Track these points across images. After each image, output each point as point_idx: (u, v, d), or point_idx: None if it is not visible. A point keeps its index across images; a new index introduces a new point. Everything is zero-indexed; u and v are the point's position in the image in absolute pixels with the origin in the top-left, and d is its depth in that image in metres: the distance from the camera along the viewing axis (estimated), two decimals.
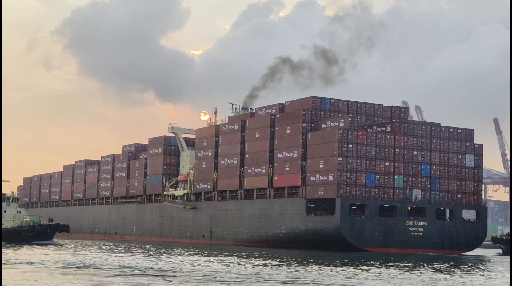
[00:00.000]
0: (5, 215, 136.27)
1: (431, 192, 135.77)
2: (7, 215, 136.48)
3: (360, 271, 72.22)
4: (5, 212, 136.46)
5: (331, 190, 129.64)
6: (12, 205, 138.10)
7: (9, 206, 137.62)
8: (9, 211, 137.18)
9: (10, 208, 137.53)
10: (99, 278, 57.31)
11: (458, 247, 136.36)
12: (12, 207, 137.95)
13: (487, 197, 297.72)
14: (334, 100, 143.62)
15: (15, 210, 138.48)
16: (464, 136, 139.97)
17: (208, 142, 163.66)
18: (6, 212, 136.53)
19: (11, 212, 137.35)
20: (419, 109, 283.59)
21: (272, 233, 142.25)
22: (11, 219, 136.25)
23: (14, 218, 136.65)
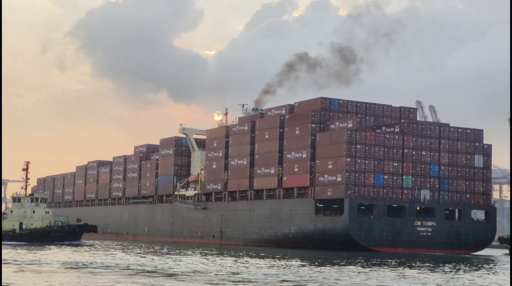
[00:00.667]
0: (34, 215, 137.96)
1: (440, 192, 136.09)
2: (35, 215, 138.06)
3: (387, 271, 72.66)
4: (34, 213, 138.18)
5: (339, 190, 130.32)
6: (41, 205, 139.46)
7: (38, 206, 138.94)
8: (38, 211, 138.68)
9: (38, 208, 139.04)
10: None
11: (467, 247, 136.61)
12: (40, 207, 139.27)
13: (502, 197, 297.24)
14: (343, 101, 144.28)
15: (44, 210, 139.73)
16: (473, 137, 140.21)
17: (219, 143, 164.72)
18: (34, 212, 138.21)
19: (40, 212, 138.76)
20: (433, 108, 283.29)
21: (281, 233, 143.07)
22: (40, 219, 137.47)
23: (43, 218, 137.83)
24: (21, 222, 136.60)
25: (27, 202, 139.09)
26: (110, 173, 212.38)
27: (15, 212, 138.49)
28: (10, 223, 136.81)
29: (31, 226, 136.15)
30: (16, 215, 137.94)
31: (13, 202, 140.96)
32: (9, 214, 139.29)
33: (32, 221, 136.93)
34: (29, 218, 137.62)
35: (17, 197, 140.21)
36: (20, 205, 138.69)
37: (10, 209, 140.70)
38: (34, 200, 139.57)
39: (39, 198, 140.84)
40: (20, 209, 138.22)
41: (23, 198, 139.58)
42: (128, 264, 74.37)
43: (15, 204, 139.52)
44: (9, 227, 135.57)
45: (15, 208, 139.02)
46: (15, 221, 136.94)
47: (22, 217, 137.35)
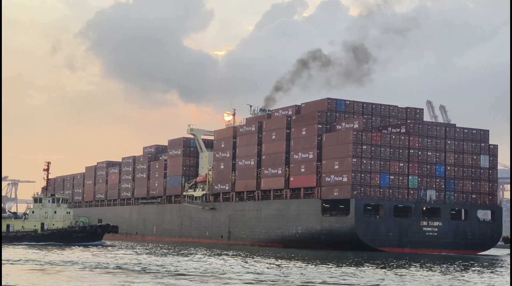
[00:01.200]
0: (55, 215, 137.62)
1: (446, 192, 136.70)
2: (57, 216, 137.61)
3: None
4: (55, 213, 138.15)
5: (345, 190, 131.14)
6: (62, 206, 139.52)
7: (59, 207, 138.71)
8: (59, 211, 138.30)
9: (60, 208, 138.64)
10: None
11: (473, 247, 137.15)
12: (62, 207, 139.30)
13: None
14: (349, 101, 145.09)
15: (65, 210, 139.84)
16: (479, 137, 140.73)
17: (226, 143, 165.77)
18: (56, 213, 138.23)
19: (61, 213, 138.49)
20: (443, 108, 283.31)
21: (288, 233, 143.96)
22: (62, 220, 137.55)
23: (64, 219, 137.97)
24: (42, 222, 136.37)
25: (48, 202, 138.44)
26: (119, 173, 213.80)
27: (37, 213, 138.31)
28: (31, 223, 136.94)
29: (52, 227, 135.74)
30: (38, 216, 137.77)
31: (34, 202, 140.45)
32: (31, 214, 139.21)
33: (53, 222, 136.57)
34: (51, 218, 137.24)
35: (38, 198, 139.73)
36: (42, 206, 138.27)
37: (31, 210, 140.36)
38: (55, 200, 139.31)
39: (60, 199, 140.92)
40: (42, 210, 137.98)
41: (44, 199, 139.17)
42: (164, 264, 74.86)
43: (36, 205, 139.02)
44: (31, 228, 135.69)
45: (36, 209, 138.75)
46: (36, 221, 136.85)
47: (44, 218, 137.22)
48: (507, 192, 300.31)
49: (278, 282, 58.33)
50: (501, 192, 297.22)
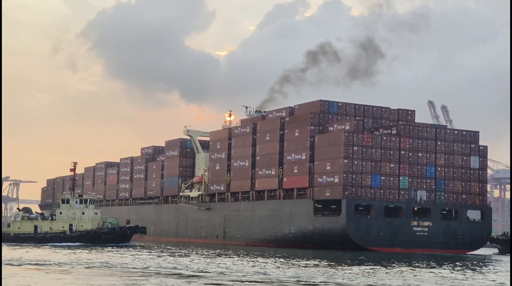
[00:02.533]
0: (84, 216, 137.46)
1: (436, 193, 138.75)
2: (85, 217, 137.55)
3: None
4: (83, 214, 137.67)
5: (337, 191, 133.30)
6: (90, 207, 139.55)
7: (87, 208, 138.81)
8: (87, 212, 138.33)
9: (88, 209, 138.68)
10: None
11: (463, 246, 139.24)
12: (90, 208, 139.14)
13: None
14: (341, 103, 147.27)
15: (93, 211, 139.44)
16: (469, 138, 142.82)
17: (222, 144, 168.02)
18: (84, 214, 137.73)
19: (89, 214, 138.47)
20: (445, 108, 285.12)
21: (282, 233, 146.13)
22: (90, 221, 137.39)
23: (93, 220, 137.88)
24: (71, 223, 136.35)
25: (76, 203, 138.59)
26: (118, 174, 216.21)
27: (64, 214, 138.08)
28: (59, 224, 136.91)
29: (81, 228, 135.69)
30: (66, 217, 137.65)
31: (61, 203, 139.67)
32: (58, 215, 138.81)
33: (82, 223, 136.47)
34: (79, 219, 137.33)
35: (66, 198, 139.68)
36: (69, 206, 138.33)
37: (59, 210, 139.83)
38: (82, 201, 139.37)
39: (87, 200, 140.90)
40: (69, 211, 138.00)
41: (71, 199, 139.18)
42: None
43: (64, 206, 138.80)
44: (59, 229, 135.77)
45: (64, 210, 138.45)
46: (64, 222, 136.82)
47: (72, 219, 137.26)
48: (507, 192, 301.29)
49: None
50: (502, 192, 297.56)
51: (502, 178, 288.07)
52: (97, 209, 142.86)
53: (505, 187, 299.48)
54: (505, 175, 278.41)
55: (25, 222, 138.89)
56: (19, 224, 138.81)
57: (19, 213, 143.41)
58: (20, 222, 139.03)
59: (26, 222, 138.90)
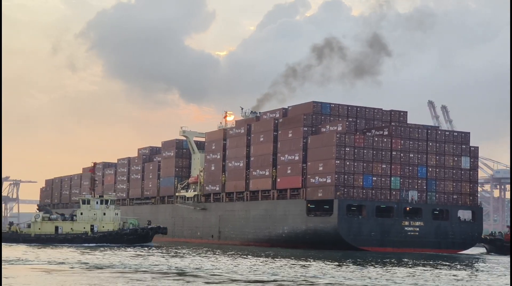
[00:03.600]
0: (105, 217, 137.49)
1: (428, 193, 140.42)
2: (106, 218, 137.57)
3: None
4: (104, 215, 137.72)
5: (329, 191, 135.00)
6: (111, 207, 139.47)
7: (108, 209, 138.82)
8: (108, 213, 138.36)
9: (109, 210, 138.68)
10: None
11: (454, 246, 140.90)
12: (110, 209, 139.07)
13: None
14: (334, 104, 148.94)
15: (114, 212, 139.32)
16: (460, 139, 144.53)
17: (217, 145, 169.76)
18: (105, 215, 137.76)
19: (110, 215, 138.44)
20: (445, 108, 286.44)
21: (275, 233, 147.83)
22: (111, 221, 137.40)
23: (114, 221, 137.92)
24: (92, 224, 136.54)
25: (97, 204, 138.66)
26: (115, 174, 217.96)
27: (85, 214, 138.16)
28: (80, 225, 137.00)
29: (102, 229, 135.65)
30: (86, 217, 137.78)
31: (81, 204, 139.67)
32: (79, 216, 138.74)
33: (103, 224, 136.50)
34: (100, 220, 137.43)
35: (86, 199, 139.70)
36: (90, 207, 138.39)
37: (79, 211, 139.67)
38: (103, 202, 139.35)
39: (108, 200, 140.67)
40: (90, 211, 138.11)
41: (92, 200, 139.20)
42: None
43: (84, 206, 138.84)
44: (80, 230, 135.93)
45: (85, 210, 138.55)
46: (85, 223, 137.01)
47: (93, 220, 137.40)
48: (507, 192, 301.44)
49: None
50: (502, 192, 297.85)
51: (502, 178, 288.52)
52: (117, 209, 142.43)
53: (505, 187, 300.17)
54: (505, 175, 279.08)
55: (46, 223, 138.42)
56: (40, 225, 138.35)
57: (39, 213, 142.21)
58: (41, 222, 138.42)
59: (47, 223, 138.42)
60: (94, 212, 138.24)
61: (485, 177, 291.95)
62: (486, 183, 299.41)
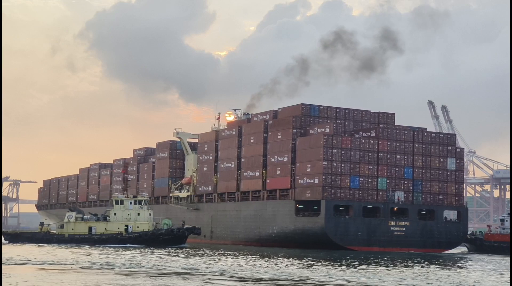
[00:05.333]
0: (139, 218, 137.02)
1: (414, 193, 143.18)
2: (141, 218, 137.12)
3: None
4: (139, 215, 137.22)
5: (317, 192, 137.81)
6: (144, 208, 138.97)
7: (142, 209, 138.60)
8: (142, 213, 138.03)
9: (143, 210, 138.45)
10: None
11: (440, 245, 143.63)
12: (144, 209, 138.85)
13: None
14: (322, 107, 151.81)
15: (147, 212, 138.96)
16: (446, 141, 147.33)
17: (209, 146, 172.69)
18: (139, 215, 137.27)
19: (145, 215, 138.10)
20: (445, 108, 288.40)
21: (265, 233, 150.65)
22: (146, 222, 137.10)
23: (148, 221, 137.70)
24: (126, 225, 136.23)
25: (130, 204, 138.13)
26: (111, 175, 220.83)
27: (119, 215, 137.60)
28: (114, 226, 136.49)
29: (137, 229, 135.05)
30: (120, 218, 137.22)
31: (115, 204, 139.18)
32: (112, 216, 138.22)
33: (137, 224, 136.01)
34: (134, 220, 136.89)
35: (120, 199, 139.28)
36: (123, 208, 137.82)
37: (112, 211, 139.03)
38: (137, 202, 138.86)
39: (142, 200, 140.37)
40: (124, 212, 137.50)
41: (125, 200, 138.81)
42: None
43: (118, 207, 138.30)
44: (114, 230, 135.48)
45: (119, 211, 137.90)
46: (120, 224, 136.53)
47: (127, 220, 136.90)
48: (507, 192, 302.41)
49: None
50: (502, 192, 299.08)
51: (502, 178, 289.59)
52: (150, 210, 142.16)
53: (505, 187, 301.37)
54: (505, 175, 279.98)
55: (79, 223, 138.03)
56: (73, 225, 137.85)
57: (71, 214, 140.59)
58: (74, 223, 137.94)
59: (80, 223, 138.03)
60: (128, 212, 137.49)
61: (485, 177, 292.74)
62: (486, 183, 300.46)
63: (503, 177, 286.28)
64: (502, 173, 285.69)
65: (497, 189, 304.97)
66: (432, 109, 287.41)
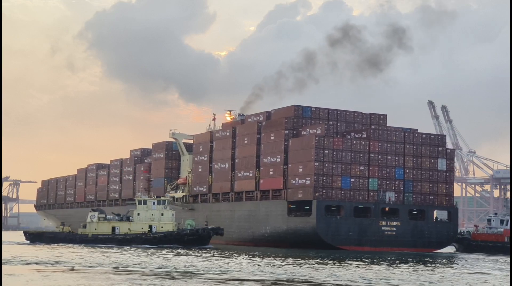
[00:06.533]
0: (163, 218, 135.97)
1: (405, 194, 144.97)
2: (165, 218, 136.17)
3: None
4: (163, 215, 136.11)
5: (308, 192, 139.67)
6: (168, 208, 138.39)
7: (166, 209, 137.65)
8: (166, 214, 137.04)
9: (167, 210, 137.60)
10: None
11: (430, 245, 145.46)
12: (168, 210, 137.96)
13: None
14: (315, 108, 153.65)
15: (171, 212, 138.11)
16: (436, 142, 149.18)
17: (204, 147, 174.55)
18: (163, 215, 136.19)
19: (168, 215, 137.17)
20: (445, 108, 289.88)
21: (258, 233, 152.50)
22: (170, 222, 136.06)
23: (172, 221, 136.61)
24: (150, 225, 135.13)
25: (153, 204, 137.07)
26: (108, 175, 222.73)
27: (142, 215, 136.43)
28: (138, 226, 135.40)
29: (161, 229, 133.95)
30: (144, 218, 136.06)
31: (138, 204, 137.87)
32: (136, 216, 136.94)
33: (162, 224, 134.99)
34: (158, 220, 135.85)
35: (143, 200, 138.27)
36: (147, 208, 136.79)
37: (136, 211, 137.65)
38: (160, 202, 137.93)
39: (165, 201, 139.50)
40: (148, 212, 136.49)
41: (148, 200, 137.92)
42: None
43: (141, 207, 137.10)
44: (138, 230, 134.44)
45: (142, 211, 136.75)
46: (144, 224, 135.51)
47: (151, 220, 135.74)
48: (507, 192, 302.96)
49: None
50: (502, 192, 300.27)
51: (502, 178, 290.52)
52: (172, 210, 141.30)
53: (505, 187, 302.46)
54: (505, 175, 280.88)
55: (102, 223, 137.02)
56: (96, 225, 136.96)
57: (94, 213, 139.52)
58: (97, 223, 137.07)
59: (103, 223, 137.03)
60: (152, 212, 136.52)
61: (485, 177, 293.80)
62: (486, 183, 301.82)
63: (503, 177, 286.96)
64: (502, 173, 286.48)
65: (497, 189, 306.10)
66: (432, 109, 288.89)
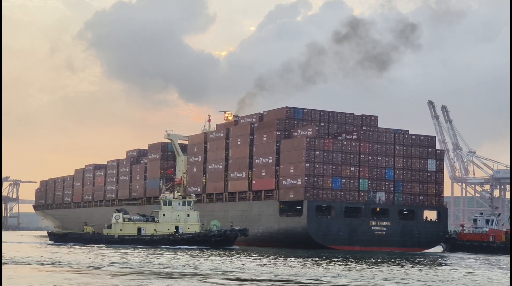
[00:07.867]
0: (189, 219, 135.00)
1: (395, 194, 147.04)
2: (191, 219, 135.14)
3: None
4: (188, 216, 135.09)
5: (299, 193, 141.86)
6: (193, 208, 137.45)
7: (192, 210, 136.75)
8: (192, 215, 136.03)
9: (193, 211, 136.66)
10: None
11: (420, 245, 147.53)
12: (193, 211, 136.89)
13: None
14: (307, 110, 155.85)
15: (196, 213, 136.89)
16: (426, 143, 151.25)
17: (198, 148, 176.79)
18: (189, 216, 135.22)
19: (194, 216, 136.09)
20: (445, 108, 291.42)
21: (251, 233, 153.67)
22: (197, 223, 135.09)
23: (198, 222, 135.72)
24: (176, 226, 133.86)
25: (179, 205, 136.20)
26: (105, 176, 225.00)
27: (168, 216, 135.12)
28: (164, 227, 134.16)
29: (188, 230, 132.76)
30: (170, 219, 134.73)
31: (163, 205, 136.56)
32: (161, 217, 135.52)
33: (188, 225, 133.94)
34: (184, 221, 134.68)
35: (168, 200, 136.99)
36: (172, 208, 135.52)
37: (161, 212, 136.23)
38: (185, 203, 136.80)
39: (191, 201, 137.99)
40: (173, 213, 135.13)
41: (174, 201, 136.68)
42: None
43: (166, 207, 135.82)
44: (164, 231, 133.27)
45: (168, 212, 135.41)
46: (169, 225, 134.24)
47: (177, 221, 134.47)
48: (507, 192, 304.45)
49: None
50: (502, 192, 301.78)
51: (502, 178, 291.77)
52: (197, 210, 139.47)
53: (505, 187, 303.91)
54: (505, 175, 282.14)
55: (127, 224, 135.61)
56: (121, 226, 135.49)
57: (119, 214, 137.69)
58: (122, 223, 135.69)
59: (128, 224, 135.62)
60: (178, 213, 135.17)
61: (485, 177, 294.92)
62: (486, 183, 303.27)
63: (503, 177, 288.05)
64: (502, 173, 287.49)
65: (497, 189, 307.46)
66: (432, 109, 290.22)
